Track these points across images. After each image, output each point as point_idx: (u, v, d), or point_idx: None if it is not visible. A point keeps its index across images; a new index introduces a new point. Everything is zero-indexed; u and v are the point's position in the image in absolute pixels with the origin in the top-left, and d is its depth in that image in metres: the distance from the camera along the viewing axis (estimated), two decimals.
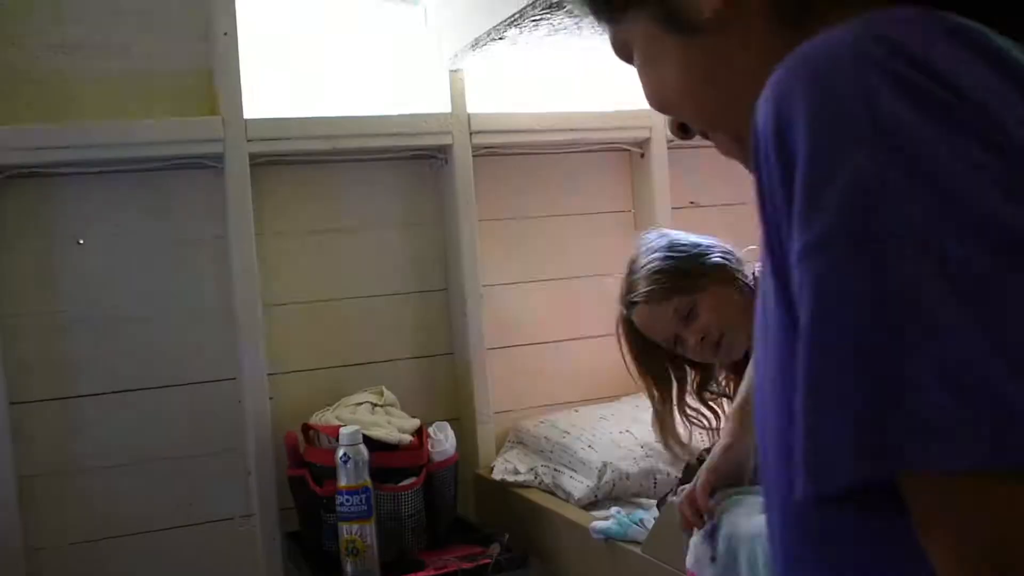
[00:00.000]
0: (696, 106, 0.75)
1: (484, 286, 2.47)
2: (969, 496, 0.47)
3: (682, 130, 0.78)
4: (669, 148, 2.63)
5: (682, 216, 2.60)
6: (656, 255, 1.82)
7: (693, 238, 1.86)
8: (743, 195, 1.75)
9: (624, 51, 0.78)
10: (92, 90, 2.22)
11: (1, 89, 2.16)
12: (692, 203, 2.70)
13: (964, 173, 0.49)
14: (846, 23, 0.55)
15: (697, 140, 0.82)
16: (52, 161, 2.17)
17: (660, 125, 2.57)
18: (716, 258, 1.80)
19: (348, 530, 1.92)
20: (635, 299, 1.81)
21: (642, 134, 2.62)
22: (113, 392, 2.25)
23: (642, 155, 2.66)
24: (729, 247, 1.84)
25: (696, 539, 1.45)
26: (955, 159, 0.49)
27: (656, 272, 1.79)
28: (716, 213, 2.65)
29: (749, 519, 1.36)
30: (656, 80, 0.76)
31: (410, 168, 2.50)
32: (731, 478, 1.46)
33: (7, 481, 2.13)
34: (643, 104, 0.79)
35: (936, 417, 0.46)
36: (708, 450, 1.66)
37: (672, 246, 1.83)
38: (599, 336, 2.42)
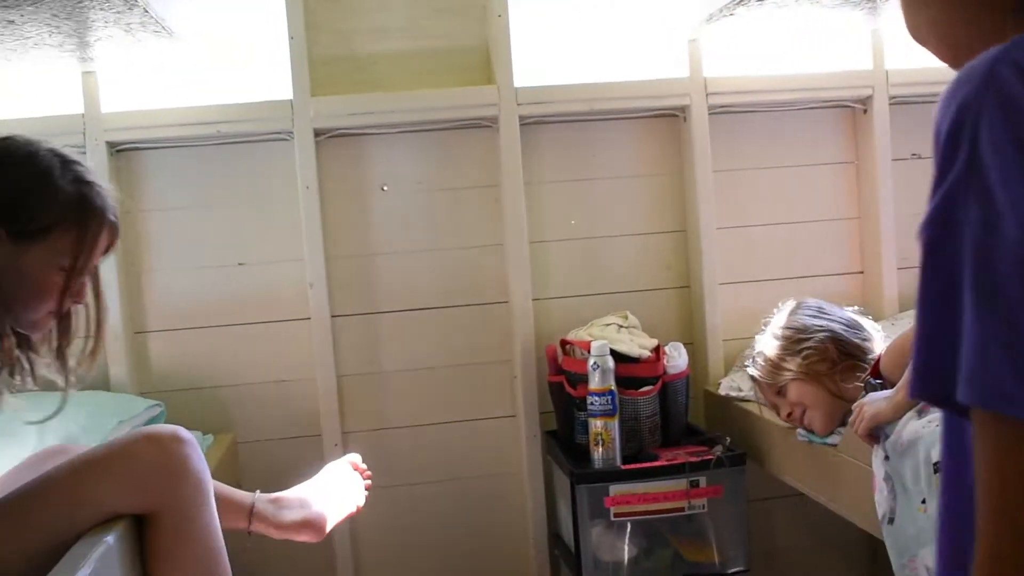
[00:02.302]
0: (938, 41, 0.81)
1: (718, 228, 2.72)
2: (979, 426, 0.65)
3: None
4: (892, 104, 2.72)
5: (904, 167, 2.77)
6: (767, 338, 2.18)
7: (806, 318, 2.13)
8: None
9: None
10: (393, 66, 2.64)
11: (323, 67, 2.60)
12: (914, 155, 2.81)
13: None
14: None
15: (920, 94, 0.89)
16: (362, 124, 2.61)
17: (882, 83, 2.70)
18: (810, 346, 2.07)
19: (596, 424, 2.26)
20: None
21: (864, 92, 2.72)
22: (409, 310, 2.69)
23: (864, 111, 2.76)
24: (844, 323, 2.10)
25: (875, 449, 1.76)
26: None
27: (759, 354, 2.19)
28: None
29: (908, 426, 1.65)
30: (912, 13, 0.82)
31: (654, 125, 2.78)
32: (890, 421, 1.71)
33: (330, 378, 2.62)
34: (865, 64, 0.88)
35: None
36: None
37: (777, 331, 2.15)
38: (823, 275, 2.72)
